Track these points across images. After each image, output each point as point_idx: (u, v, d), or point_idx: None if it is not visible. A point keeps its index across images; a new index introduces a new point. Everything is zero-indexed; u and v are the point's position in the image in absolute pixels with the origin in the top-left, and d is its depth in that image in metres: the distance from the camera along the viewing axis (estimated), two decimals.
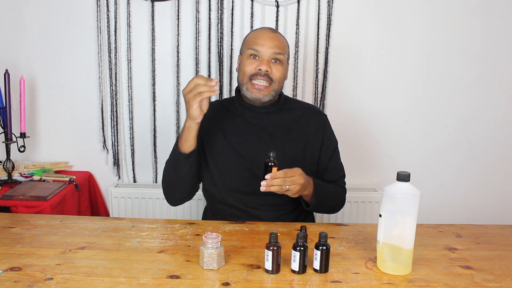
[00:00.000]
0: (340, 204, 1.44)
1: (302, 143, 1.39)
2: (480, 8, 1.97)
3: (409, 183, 0.97)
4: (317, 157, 1.41)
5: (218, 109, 1.44)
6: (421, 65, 2.02)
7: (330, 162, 1.42)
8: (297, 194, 1.22)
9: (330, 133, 1.44)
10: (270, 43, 1.32)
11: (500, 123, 2.08)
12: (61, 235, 1.17)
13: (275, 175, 1.16)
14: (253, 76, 1.31)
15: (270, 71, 1.31)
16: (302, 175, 1.20)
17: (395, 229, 0.97)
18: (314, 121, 1.42)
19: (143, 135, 2.08)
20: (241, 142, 1.37)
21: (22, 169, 1.95)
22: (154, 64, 2.00)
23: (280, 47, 1.34)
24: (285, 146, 1.37)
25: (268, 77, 1.31)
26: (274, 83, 1.33)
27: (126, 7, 1.96)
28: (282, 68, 1.34)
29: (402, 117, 2.07)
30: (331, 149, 1.43)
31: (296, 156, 1.37)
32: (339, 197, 1.43)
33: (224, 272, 0.98)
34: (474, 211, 2.15)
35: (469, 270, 1.02)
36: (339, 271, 0.99)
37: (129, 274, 0.96)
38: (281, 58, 1.33)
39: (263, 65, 1.30)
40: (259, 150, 1.34)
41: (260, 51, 1.32)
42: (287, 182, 1.17)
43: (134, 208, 2.02)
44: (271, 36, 1.34)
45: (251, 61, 1.33)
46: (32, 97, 2.03)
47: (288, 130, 1.39)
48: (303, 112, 1.43)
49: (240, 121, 1.40)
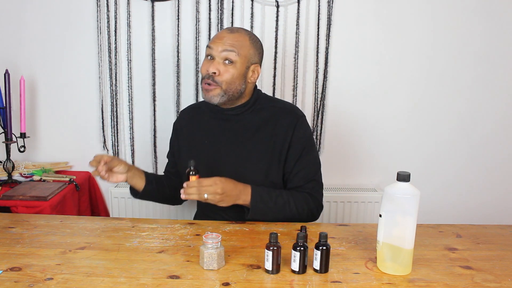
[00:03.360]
0: (304, 213, 1.32)
1: (270, 145, 1.34)
2: (479, 9, 1.97)
3: (409, 183, 0.97)
4: (283, 161, 1.34)
5: (195, 114, 1.48)
6: (421, 65, 2.02)
7: (296, 166, 1.34)
8: (224, 203, 1.23)
9: (300, 135, 1.35)
10: (222, 41, 1.29)
11: (500, 123, 2.08)
12: (61, 235, 1.17)
13: (191, 183, 1.20)
14: (203, 78, 1.32)
15: (218, 72, 1.29)
16: (221, 185, 1.20)
17: (395, 229, 0.97)
18: (284, 122, 1.35)
19: (143, 135, 2.08)
20: (211, 145, 1.38)
21: (22, 169, 1.95)
22: (154, 64, 2.00)
23: (234, 45, 1.29)
24: (251, 148, 1.34)
25: (213, 79, 1.29)
26: (222, 85, 1.30)
27: (126, 7, 1.96)
28: (233, 69, 1.30)
29: (403, 117, 2.07)
30: (297, 151, 1.34)
31: (262, 158, 1.34)
32: (299, 206, 1.31)
33: (224, 272, 0.98)
34: (474, 211, 2.15)
35: (469, 270, 1.02)
36: (339, 271, 0.99)
37: (129, 274, 0.96)
38: (232, 56, 1.29)
39: (210, 66, 1.30)
40: (227, 152, 1.36)
41: (212, 49, 1.31)
42: (202, 191, 1.19)
43: (134, 208, 2.02)
44: (225, 35, 1.31)
45: (205, 62, 1.32)
46: (32, 97, 2.03)
47: (257, 131, 1.35)
48: (274, 113, 1.37)
49: (212, 123, 1.41)
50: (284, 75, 2.01)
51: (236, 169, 1.33)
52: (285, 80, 2.01)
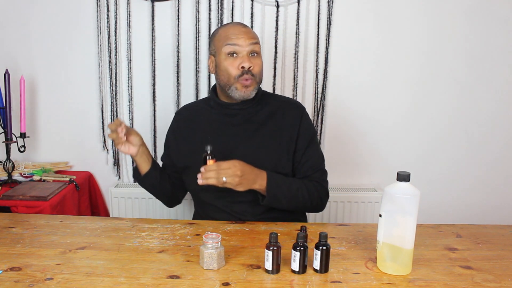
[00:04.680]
0: (314, 200, 1.35)
1: (277, 138, 1.36)
2: (477, 9, 1.97)
3: (409, 183, 0.97)
4: (293, 150, 1.37)
5: (193, 112, 1.48)
6: (422, 65, 2.02)
7: (305, 155, 1.37)
8: (242, 187, 1.21)
9: (307, 125, 1.40)
10: (245, 35, 1.31)
11: (500, 123, 2.08)
12: (61, 235, 1.17)
13: (209, 167, 1.18)
14: (239, 76, 1.30)
15: (252, 66, 1.31)
16: (240, 167, 1.19)
17: (395, 229, 0.97)
18: (290, 115, 1.39)
19: (143, 135, 2.05)
20: (217, 139, 1.36)
21: (22, 169, 1.95)
22: (154, 64, 2.00)
23: (255, 37, 1.34)
24: (260, 141, 1.36)
25: (251, 73, 1.31)
26: (256, 78, 1.33)
27: (126, 7, 1.96)
28: (260, 60, 1.34)
29: (403, 117, 2.07)
30: (306, 140, 1.38)
31: (272, 151, 1.35)
32: (311, 193, 1.34)
33: (224, 272, 0.98)
34: (474, 211, 2.15)
35: (469, 270, 1.02)
36: (339, 271, 0.99)
37: (129, 274, 0.96)
38: (258, 49, 1.33)
39: (245, 62, 1.29)
40: (235, 147, 1.35)
41: (238, 46, 1.30)
42: (221, 174, 1.17)
43: (134, 208, 2.02)
44: (243, 30, 1.33)
45: (231, 61, 1.31)
46: (32, 97, 2.03)
47: (264, 125, 1.37)
48: (279, 106, 1.41)
49: (216, 119, 1.41)
50: (284, 75, 2.01)
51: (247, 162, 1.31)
52: (285, 80, 2.01)
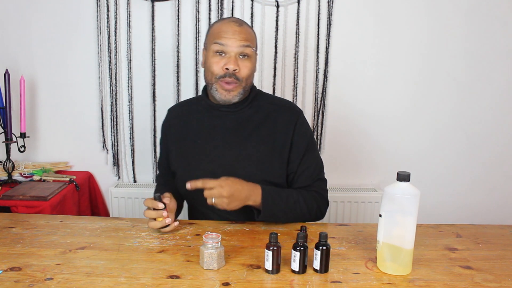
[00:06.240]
0: (313, 211, 1.27)
1: (270, 144, 1.27)
2: (476, 9, 1.97)
3: (409, 183, 0.97)
4: (286, 159, 1.28)
5: (184, 111, 1.39)
6: (422, 65, 2.02)
7: (301, 165, 1.28)
8: (233, 206, 1.14)
9: (301, 132, 1.29)
10: (236, 36, 1.21)
11: (500, 122, 2.09)
12: (61, 235, 1.17)
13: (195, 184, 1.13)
14: (221, 77, 1.23)
15: (238, 69, 1.22)
16: (228, 188, 1.11)
17: (395, 229, 0.97)
18: (283, 119, 1.29)
19: (143, 135, 2.08)
20: (207, 143, 1.30)
21: (22, 169, 1.95)
22: (154, 64, 2.00)
23: (248, 39, 1.23)
24: (251, 146, 1.27)
25: (235, 77, 1.22)
26: (242, 82, 1.24)
27: (126, 7, 1.96)
28: (250, 63, 1.25)
29: (402, 117, 2.07)
30: (301, 150, 1.28)
31: (263, 157, 1.26)
32: (309, 205, 1.25)
33: (224, 272, 0.98)
34: (474, 211, 2.15)
35: (469, 270, 1.01)
36: (339, 271, 0.99)
37: (129, 274, 0.96)
38: (249, 51, 1.23)
39: (230, 63, 1.21)
40: (224, 152, 1.28)
41: (226, 46, 1.22)
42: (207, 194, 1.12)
43: (134, 208, 2.02)
44: (237, 30, 1.22)
45: (218, 59, 1.23)
46: (32, 97, 2.03)
47: (256, 129, 1.28)
48: (273, 110, 1.31)
49: (206, 121, 1.32)
50: (284, 75, 2.01)
51: (235, 171, 1.24)
52: (285, 80, 2.01)
